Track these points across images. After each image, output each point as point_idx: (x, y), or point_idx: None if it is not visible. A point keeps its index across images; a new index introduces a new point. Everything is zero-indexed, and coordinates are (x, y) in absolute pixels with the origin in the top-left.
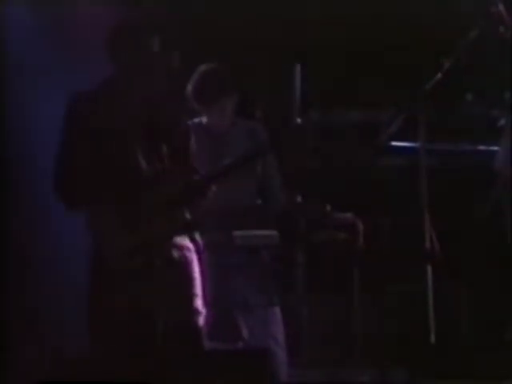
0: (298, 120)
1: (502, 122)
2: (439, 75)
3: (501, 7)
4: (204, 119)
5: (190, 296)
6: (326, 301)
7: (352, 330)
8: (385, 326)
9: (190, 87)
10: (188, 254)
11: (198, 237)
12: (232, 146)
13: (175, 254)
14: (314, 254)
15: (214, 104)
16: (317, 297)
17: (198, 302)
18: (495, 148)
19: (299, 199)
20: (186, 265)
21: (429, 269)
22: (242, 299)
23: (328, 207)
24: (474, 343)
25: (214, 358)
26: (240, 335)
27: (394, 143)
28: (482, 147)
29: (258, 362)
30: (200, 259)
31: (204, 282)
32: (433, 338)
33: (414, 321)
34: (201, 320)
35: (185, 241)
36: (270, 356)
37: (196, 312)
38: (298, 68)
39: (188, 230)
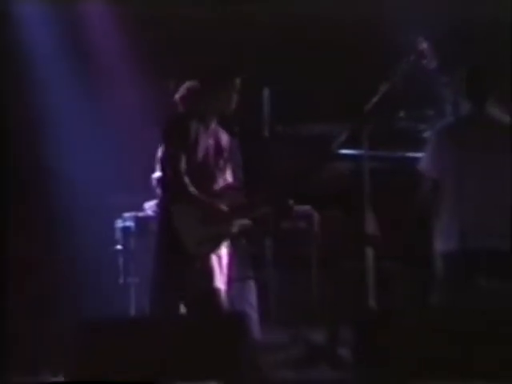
0: (267, 133)
1: (427, 133)
2: (379, 96)
3: (425, 45)
4: None
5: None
6: (290, 275)
7: (310, 298)
8: (335, 295)
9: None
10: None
11: None
12: None
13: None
14: (281, 238)
15: None
16: (282, 272)
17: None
18: (421, 154)
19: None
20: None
21: (370, 250)
22: None
23: (291, 202)
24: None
25: (203, 318)
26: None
27: (344, 151)
28: (411, 154)
29: (237, 322)
30: None
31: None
32: (372, 303)
33: (358, 290)
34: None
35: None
36: (247, 317)
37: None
38: (267, 91)
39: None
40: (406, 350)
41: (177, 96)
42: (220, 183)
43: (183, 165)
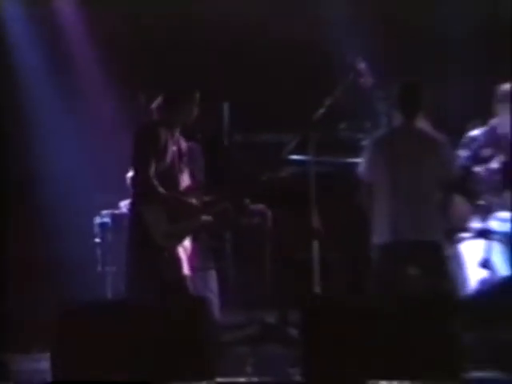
0: (226, 141)
1: (364, 142)
2: (323, 109)
3: (362, 64)
4: None
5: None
6: (246, 265)
7: (264, 285)
8: (286, 282)
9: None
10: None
11: None
12: None
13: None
14: (238, 233)
15: None
16: (239, 262)
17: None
18: (359, 160)
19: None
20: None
21: (315, 243)
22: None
23: (247, 200)
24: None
25: (171, 302)
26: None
27: (293, 156)
28: (351, 160)
29: (199, 306)
30: None
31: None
32: (317, 288)
33: (305, 277)
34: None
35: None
36: (208, 302)
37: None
38: (227, 104)
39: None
40: (346, 329)
41: (153, 106)
42: (182, 185)
43: (153, 168)
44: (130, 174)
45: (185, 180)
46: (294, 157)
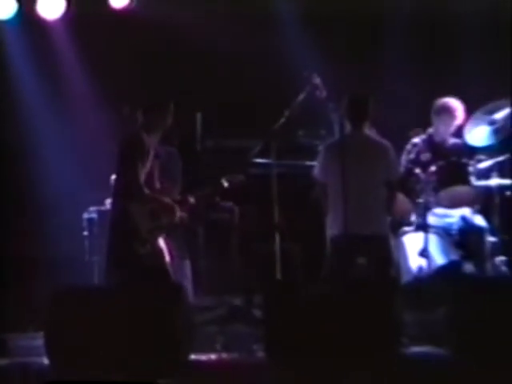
0: (199, 146)
1: (319, 147)
2: (283, 119)
3: (318, 80)
4: None
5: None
6: (216, 255)
7: (232, 272)
8: (251, 269)
9: None
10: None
11: None
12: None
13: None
14: (209, 227)
15: None
16: (210, 252)
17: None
18: (315, 163)
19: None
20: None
21: (277, 235)
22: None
23: (218, 198)
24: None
25: (151, 286)
26: None
27: (257, 160)
28: (307, 163)
29: (176, 292)
30: None
31: None
32: (278, 275)
33: (268, 265)
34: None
35: None
36: (183, 288)
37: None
38: (199, 115)
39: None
40: (302, 311)
41: (136, 116)
42: (157, 185)
43: (139, 171)
44: (114, 176)
45: (158, 182)
46: (258, 160)
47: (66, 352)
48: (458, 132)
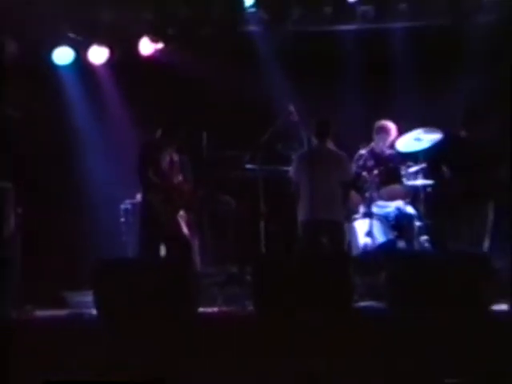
0: (205, 155)
1: (293, 156)
2: (266, 136)
3: (292, 108)
4: None
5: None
6: (217, 235)
7: (229, 247)
8: (243, 245)
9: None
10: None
11: None
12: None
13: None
14: (212, 214)
15: None
16: (213, 232)
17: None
18: (290, 168)
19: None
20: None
21: (262, 221)
22: None
23: (218, 193)
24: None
25: (171, 258)
26: None
27: (248, 165)
28: (285, 168)
29: (188, 260)
30: None
31: None
32: (263, 248)
33: (255, 243)
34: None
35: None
36: (193, 260)
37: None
38: (205, 133)
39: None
40: (280, 276)
41: (156, 134)
42: (175, 181)
43: (151, 171)
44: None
45: (177, 179)
46: (248, 166)
47: (109, 306)
48: (393, 145)
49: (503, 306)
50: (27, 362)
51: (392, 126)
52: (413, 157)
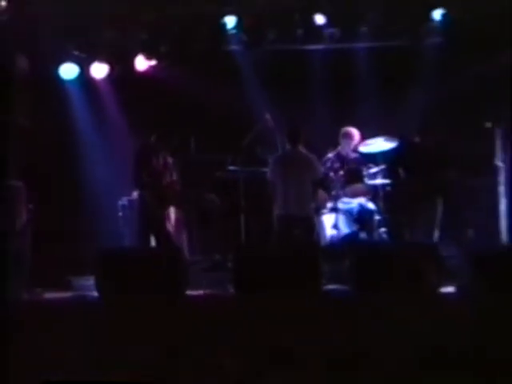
0: (193, 157)
1: (270, 159)
2: (246, 141)
3: (268, 116)
4: None
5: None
6: (203, 227)
7: (214, 238)
8: (227, 236)
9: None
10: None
11: None
12: None
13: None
14: (199, 210)
15: None
16: (200, 226)
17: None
18: (267, 169)
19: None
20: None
21: (242, 218)
22: None
23: (203, 191)
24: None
25: (160, 247)
26: None
27: (231, 167)
28: (262, 169)
29: (177, 250)
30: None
31: None
32: (243, 238)
33: (237, 234)
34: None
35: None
36: (182, 248)
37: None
38: (193, 138)
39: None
40: (258, 263)
41: (151, 139)
42: (167, 180)
43: (146, 172)
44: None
45: (170, 178)
46: (231, 167)
47: (108, 289)
48: (356, 149)
49: (450, 289)
50: (36, 337)
51: (355, 132)
52: (373, 159)
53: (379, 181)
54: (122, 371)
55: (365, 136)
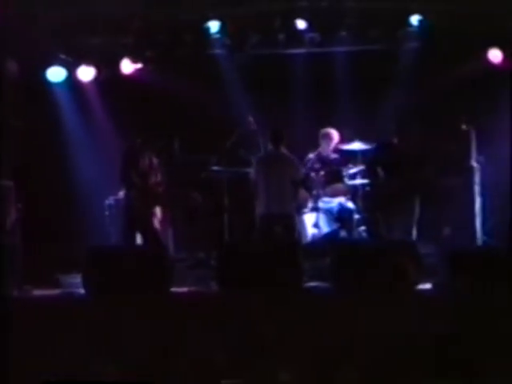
0: (176, 158)
1: (253, 160)
2: (230, 142)
3: (251, 118)
4: None
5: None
6: (187, 225)
7: (196, 237)
8: (210, 234)
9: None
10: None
11: None
12: None
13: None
14: (183, 208)
15: None
16: (183, 223)
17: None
18: (250, 169)
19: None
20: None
21: (225, 216)
22: None
23: (187, 189)
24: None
25: (146, 245)
26: None
27: (214, 167)
28: (246, 169)
29: (162, 248)
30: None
31: None
32: (227, 237)
33: (220, 232)
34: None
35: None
36: (167, 247)
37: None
38: (177, 140)
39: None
40: (241, 260)
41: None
42: (153, 180)
43: (132, 172)
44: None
45: (155, 179)
46: (215, 168)
47: (94, 286)
48: (336, 149)
49: (427, 285)
50: (26, 332)
51: (335, 133)
52: (353, 160)
53: (359, 181)
54: (107, 367)
55: (344, 137)
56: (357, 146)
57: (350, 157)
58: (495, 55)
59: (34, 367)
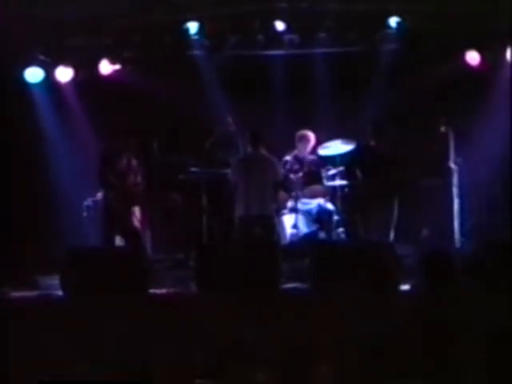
0: (156, 159)
1: (232, 161)
2: (209, 144)
3: (230, 120)
4: None
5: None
6: (166, 226)
7: (176, 238)
8: (189, 236)
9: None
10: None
11: None
12: None
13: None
14: (162, 209)
15: None
16: (162, 225)
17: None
18: (229, 170)
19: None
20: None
21: (204, 217)
22: None
23: (167, 191)
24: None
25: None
26: None
27: (193, 169)
28: (224, 171)
29: (142, 248)
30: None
31: None
32: (205, 238)
33: (199, 233)
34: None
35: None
36: (144, 248)
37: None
38: (156, 141)
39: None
40: (218, 260)
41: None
42: (130, 180)
43: (110, 172)
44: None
45: (134, 179)
46: (193, 169)
47: (72, 287)
48: (314, 151)
49: (406, 286)
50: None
51: (311, 135)
52: (332, 161)
53: (337, 182)
54: (85, 368)
55: (322, 139)
56: (337, 144)
57: (329, 158)
58: (473, 57)
59: (16, 368)
